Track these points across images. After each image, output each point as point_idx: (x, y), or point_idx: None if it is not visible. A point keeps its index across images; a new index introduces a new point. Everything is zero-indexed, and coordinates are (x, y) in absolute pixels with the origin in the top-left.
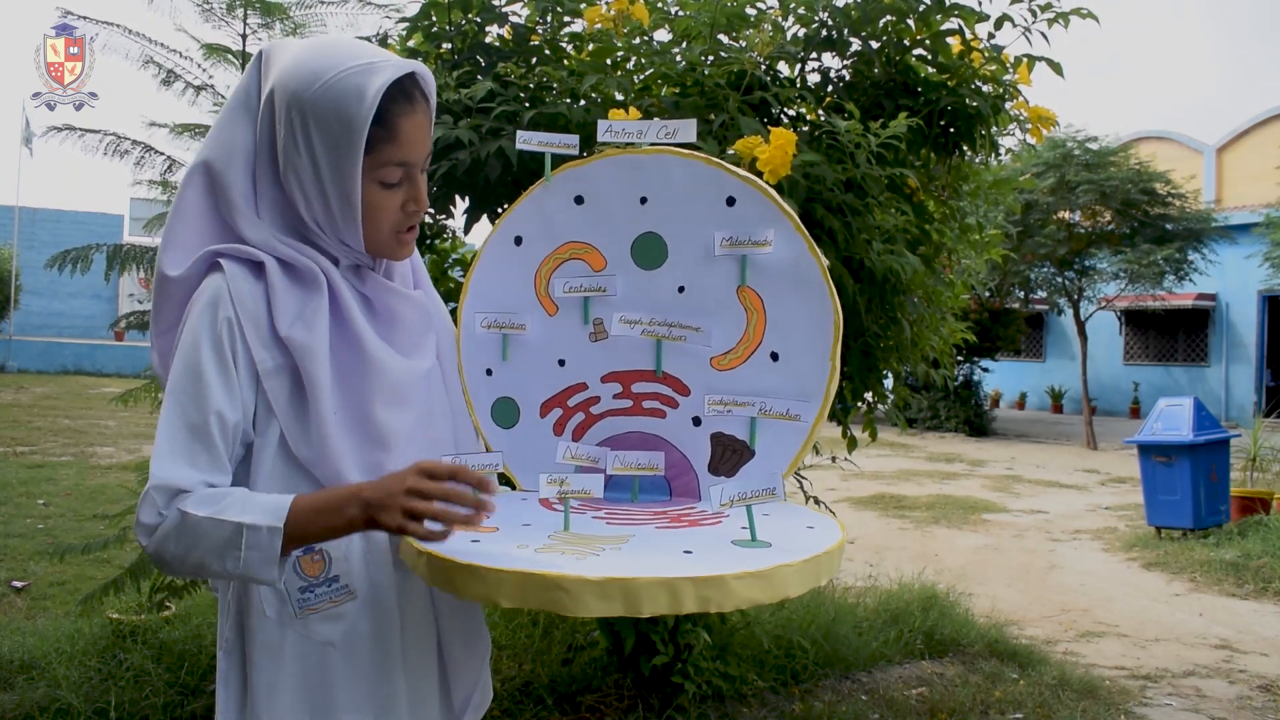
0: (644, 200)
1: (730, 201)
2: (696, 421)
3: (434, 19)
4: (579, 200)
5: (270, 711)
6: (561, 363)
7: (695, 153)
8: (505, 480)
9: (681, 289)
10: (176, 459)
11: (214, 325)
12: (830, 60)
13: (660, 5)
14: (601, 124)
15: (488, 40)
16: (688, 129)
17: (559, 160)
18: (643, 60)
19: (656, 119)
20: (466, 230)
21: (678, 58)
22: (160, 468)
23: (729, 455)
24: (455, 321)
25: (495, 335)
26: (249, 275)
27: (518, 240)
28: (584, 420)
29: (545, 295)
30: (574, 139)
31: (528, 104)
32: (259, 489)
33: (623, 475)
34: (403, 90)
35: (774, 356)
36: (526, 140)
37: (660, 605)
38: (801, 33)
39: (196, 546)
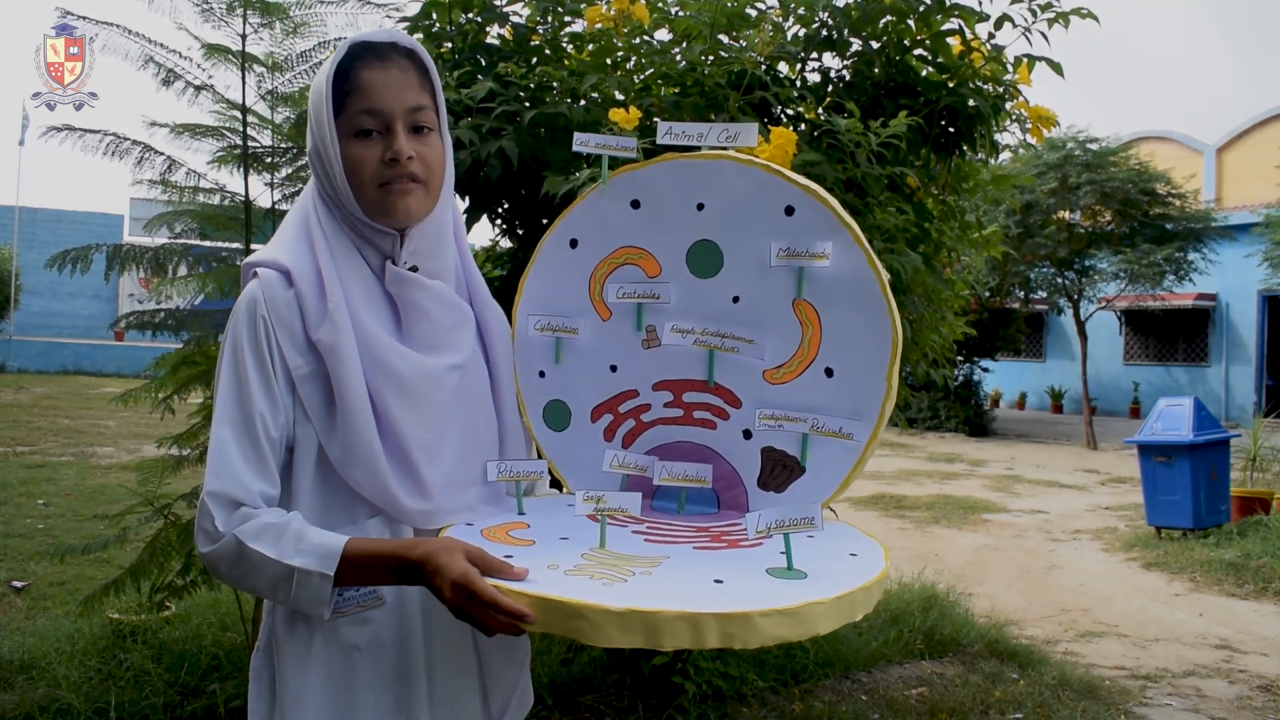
0: (700, 207)
1: (789, 210)
2: (747, 434)
3: (434, 19)
4: (635, 204)
5: (297, 712)
6: (613, 368)
7: (754, 159)
8: (555, 483)
9: (736, 299)
10: (230, 465)
11: (253, 326)
12: (830, 60)
13: (660, 5)
14: (661, 126)
15: (488, 40)
16: (749, 133)
17: (616, 163)
18: (643, 60)
19: (718, 122)
20: (466, 230)
21: (678, 58)
22: (215, 473)
23: (779, 471)
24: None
25: (548, 337)
26: (282, 283)
27: (573, 243)
28: (634, 427)
29: (599, 299)
30: (632, 142)
31: (528, 104)
32: (299, 494)
33: (670, 485)
34: (373, 51)
35: (829, 372)
36: (584, 143)
37: (683, 640)
38: (801, 33)
39: (250, 576)
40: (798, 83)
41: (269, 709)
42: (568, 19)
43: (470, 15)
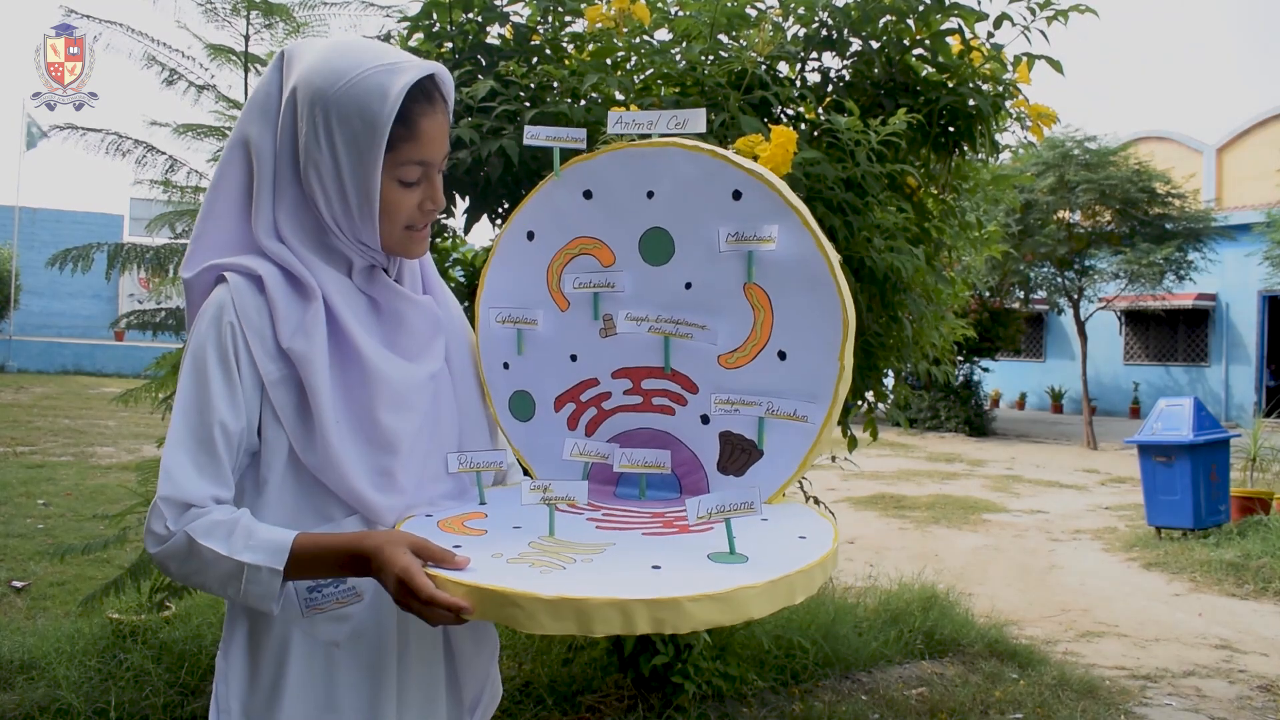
0: (650, 194)
1: (736, 195)
2: (705, 419)
3: (435, 19)
4: (588, 195)
5: (274, 709)
6: (574, 358)
7: (701, 144)
8: (527, 471)
9: (689, 285)
10: (184, 470)
11: (219, 333)
12: (830, 60)
13: (660, 5)
14: (612, 115)
15: (489, 40)
16: (697, 119)
17: (568, 154)
18: (643, 60)
19: (666, 110)
20: (466, 230)
21: (678, 57)
22: (168, 479)
23: (738, 455)
24: (471, 316)
25: (510, 329)
26: (252, 288)
27: (530, 235)
28: (596, 415)
29: (557, 290)
30: (581, 133)
31: (529, 103)
32: (269, 495)
33: (631, 472)
34: (423, 90)
35: (781, 355)
36: (534, 135)
37: (613, 626)
38: (801, 32)
39: (200, 573)
40: (798, 82)
41: (241, 707)
42: (568, 19)
43: (471, 15)
